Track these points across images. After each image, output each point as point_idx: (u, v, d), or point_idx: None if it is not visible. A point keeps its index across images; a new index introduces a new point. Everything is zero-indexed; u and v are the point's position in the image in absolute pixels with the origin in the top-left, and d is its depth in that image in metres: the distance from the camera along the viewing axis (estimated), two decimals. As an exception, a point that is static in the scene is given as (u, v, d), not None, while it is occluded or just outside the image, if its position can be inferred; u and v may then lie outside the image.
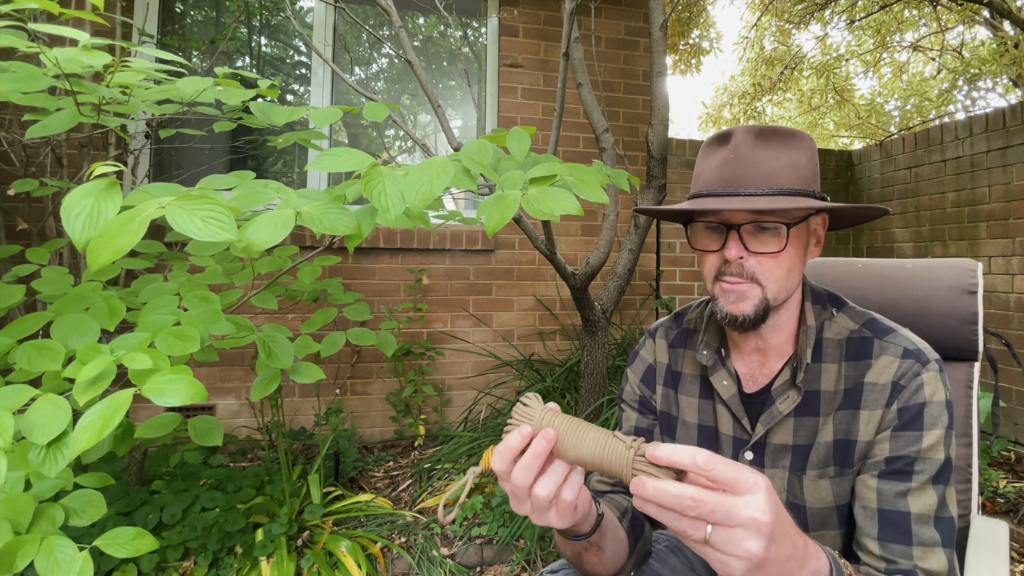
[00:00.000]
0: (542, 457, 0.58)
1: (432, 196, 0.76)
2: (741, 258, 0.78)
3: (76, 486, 1.02)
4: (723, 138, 0.81)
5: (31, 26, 0.90)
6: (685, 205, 0.80)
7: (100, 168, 0.69)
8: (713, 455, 0.51)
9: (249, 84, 1.39)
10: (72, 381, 0.84)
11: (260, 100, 1.40)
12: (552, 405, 0.62)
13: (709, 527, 0.50)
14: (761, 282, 0.78)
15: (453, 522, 0.57)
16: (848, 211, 0.82)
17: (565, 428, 0.59)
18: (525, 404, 0.62)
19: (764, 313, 0.78)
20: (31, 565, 0.85)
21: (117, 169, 0.72)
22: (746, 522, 0.49)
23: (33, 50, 0.95)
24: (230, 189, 0.94)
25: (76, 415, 0.81)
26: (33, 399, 0.83)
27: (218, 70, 1.31)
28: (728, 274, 0.78)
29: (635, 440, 0.57)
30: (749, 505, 0.50)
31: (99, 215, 0.65)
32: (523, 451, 0.59)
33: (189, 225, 0.65)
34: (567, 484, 0.61)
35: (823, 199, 0.80)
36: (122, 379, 0.88)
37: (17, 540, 0.85)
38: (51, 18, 1.69)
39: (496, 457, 0.60)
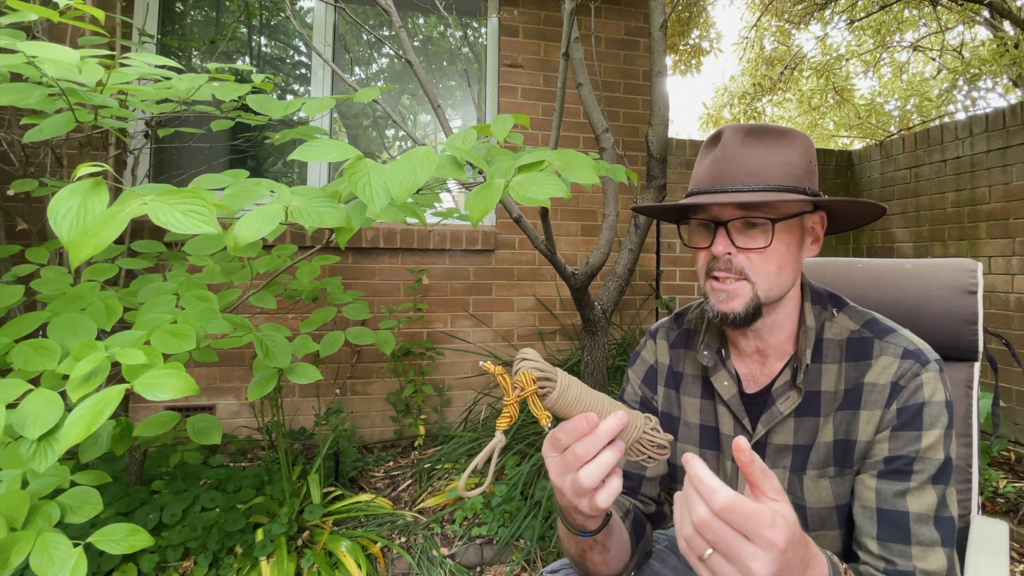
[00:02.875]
0: (612, 435, 0.60)
1: (415, 186, 0.76)
2: (729, 254, 0.79)
3: (73, 484, 1.02)
4: (714, 139, 0.83)
5: (19, 45, 0.89)
6: (674, 203, 0.82)
7: (84, 169, 0.69)
8: (738, 499, 0.50)
9: (245, 80, 1.39)
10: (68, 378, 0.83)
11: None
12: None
13: (709, 550, 0.51)
14: (751, 278, 0.78)
15: (482, 493, 0.58)
16: (844, 209, 0.82)
17: (584, 393, 0.62)
18: (529, 360, 0.61)
19: (755, 311, 0.79)
20: (28, 563, 0.85)
21: (102, 169, 0.72)
22: (746, 569, 0.50)
23: (26, 62, 0.95)
24: (223, 188, 0.94)
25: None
26: (27, 393, 0.83)
27: (211, 65, 1.31)
28: (717, 270, 0.80)
29: (649, 416, 0.65)
30: (754, 556, 0.50)
31: (86, 213, 0.65)
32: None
33: (170, 219, 0.66)
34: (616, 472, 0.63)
35: (816, 196, 0.80)
36: (118, 377, 0.88)
37: (12, 537, 0.85)
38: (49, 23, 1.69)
39: (563, 433, 0.61)
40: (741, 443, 0.53)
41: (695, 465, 0.52)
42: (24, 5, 0.93)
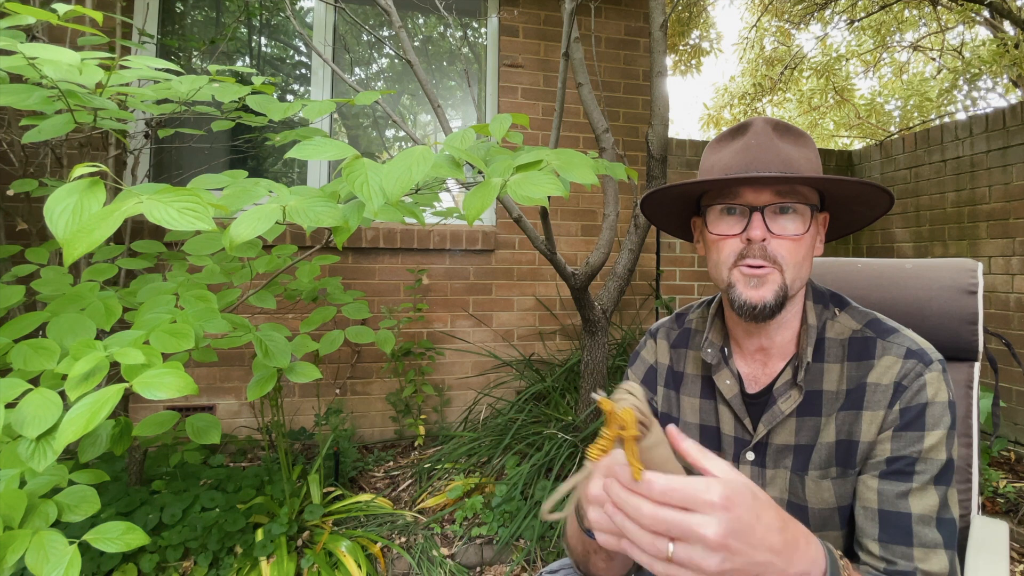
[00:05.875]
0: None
1: (411, 184, 0.76)
2: (764, 240, 0.78)
3: (71, 483, 1.02)
4: (740, 129, 0.83)
5: (19, 47, 0.90)
6: (714, 175, 0.81)
7: (81, 169, 0.70)
8: (670, 479, 0.52)
9: (245, 81, 1.39)
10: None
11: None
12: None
13: (671, 546, 0.51)
14: (782, 266, 0.78)
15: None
16: (855, 191, 0.82)
17: (668, 458, 0.60)
18: (633, 396, 0.56)
19: (783, 301, 0.78)
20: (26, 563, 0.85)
21: (99, 169, 0.72)
22: (698, 538, 0.50)
23: (26, 65, 0.95)
24: (221, 188, 0.94)
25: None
26: (26, 392, 0.83)
27: (212, 67, 1.31)
28: (751, 257, 0.78)
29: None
30: (700, 523, 0.50)
31: (82, 211, 0.65)
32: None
33: (165, 216, 0.66)
34: None
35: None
36: (117, 377, 0.88)
37: (8, 535, 0.85)
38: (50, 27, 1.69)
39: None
40: (673, 430, 0.56)
41: (620, 474, 0.53)
42: (23, 8, 0.93)
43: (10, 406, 0.82)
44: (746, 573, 0.52)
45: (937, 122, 6.19)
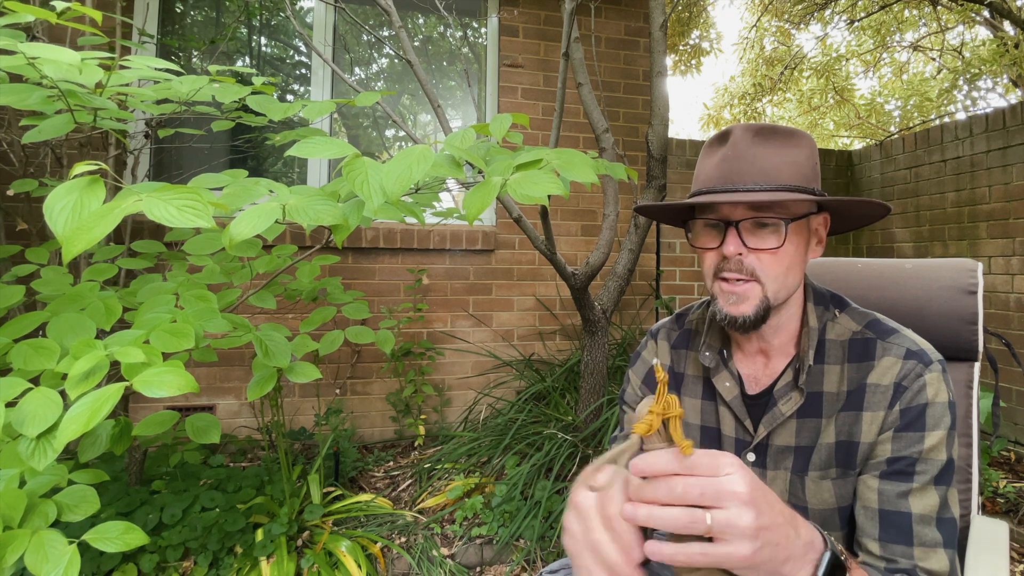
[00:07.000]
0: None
1: (410, 182, 0.77)
2: (740, 254, 0.78)
3: (71, 483, 1.02)
4: (722, 137, 0.82)
5: (19, 46, 0.90)
6: (684, 202, 0.80)
7: (81, 167, 0.70)
8: (695, 453, 0.55)
9: (245, 82, 1.39)
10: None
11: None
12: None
13: (709, 516, 0.52)
14: (761, 279, 0.78)
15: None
16: (848, 206, 0.82)
17: None
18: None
19: (765, 313, 0.78)
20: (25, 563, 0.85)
21: (99, 167, 0.72)
22: (731, 496, 0.52)
23: (26, 65, 0.95)
24: (221, 188, 0.95)
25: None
26: (26, 392, 0.83)
27: (212, 67, 1.31)
28: (727, 270, 0.79)
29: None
30: (730, 482, 0.53)
31: (82, 209, 0.65)
32: None
33: (164, 213, 0.66)
34: None
35: (824, 196, 0.80)
36: (117, 376, 0.88)
37: (8, 535, 0.85)
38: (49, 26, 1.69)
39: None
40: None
41: (648, 459, 0.55)
42: (22, 7, 0.93)
43: (10, 405, 0.82)
44: (775, 535, 0.54)
45: (937, 122, 6.20)
